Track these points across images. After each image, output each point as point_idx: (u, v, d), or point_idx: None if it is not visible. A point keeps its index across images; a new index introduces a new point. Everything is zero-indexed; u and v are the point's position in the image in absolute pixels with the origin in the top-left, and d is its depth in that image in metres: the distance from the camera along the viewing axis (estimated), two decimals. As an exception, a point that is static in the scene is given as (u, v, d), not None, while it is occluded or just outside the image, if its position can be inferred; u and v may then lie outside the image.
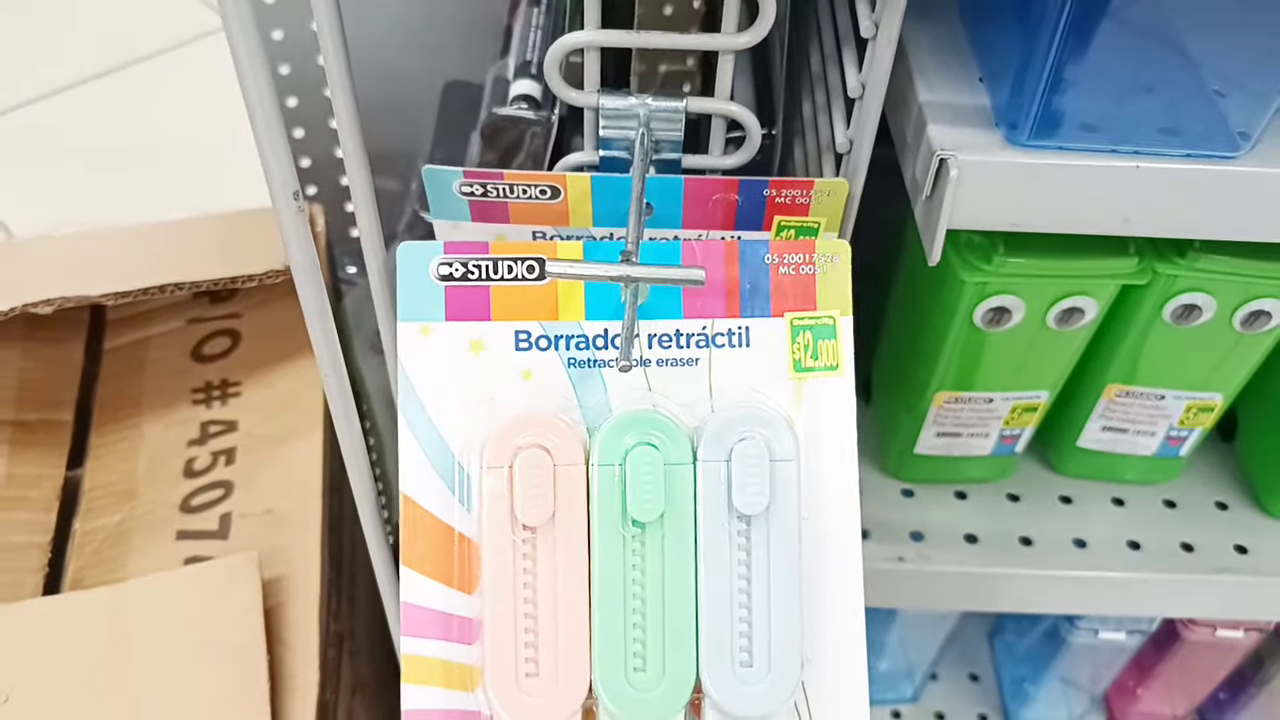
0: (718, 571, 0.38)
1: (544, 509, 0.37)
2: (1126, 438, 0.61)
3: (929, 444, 0.61)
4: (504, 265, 0.38)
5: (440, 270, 0.38)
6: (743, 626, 0.38)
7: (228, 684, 0.51)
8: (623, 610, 0.38)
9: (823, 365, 0.40)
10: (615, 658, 0.37)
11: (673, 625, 0.38)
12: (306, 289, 0.33)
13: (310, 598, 0.55)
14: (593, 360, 0.39)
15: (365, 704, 0.71)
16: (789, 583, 0.38)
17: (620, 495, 0.37)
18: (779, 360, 0.39)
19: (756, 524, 0.38)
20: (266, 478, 0.61)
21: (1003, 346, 0.54)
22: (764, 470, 0.37)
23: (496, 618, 0.37)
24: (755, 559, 0.38)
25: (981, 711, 0.77)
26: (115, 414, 0.67)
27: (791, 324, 0.39)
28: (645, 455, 0.37)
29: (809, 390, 0.40)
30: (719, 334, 0.39)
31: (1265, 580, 0.60)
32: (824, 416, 0.40)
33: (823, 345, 0.40)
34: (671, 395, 0.39)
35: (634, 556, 0.38)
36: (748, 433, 0.38)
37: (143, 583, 0.54)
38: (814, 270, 0.40)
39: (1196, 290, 0.52)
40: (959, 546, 0.60)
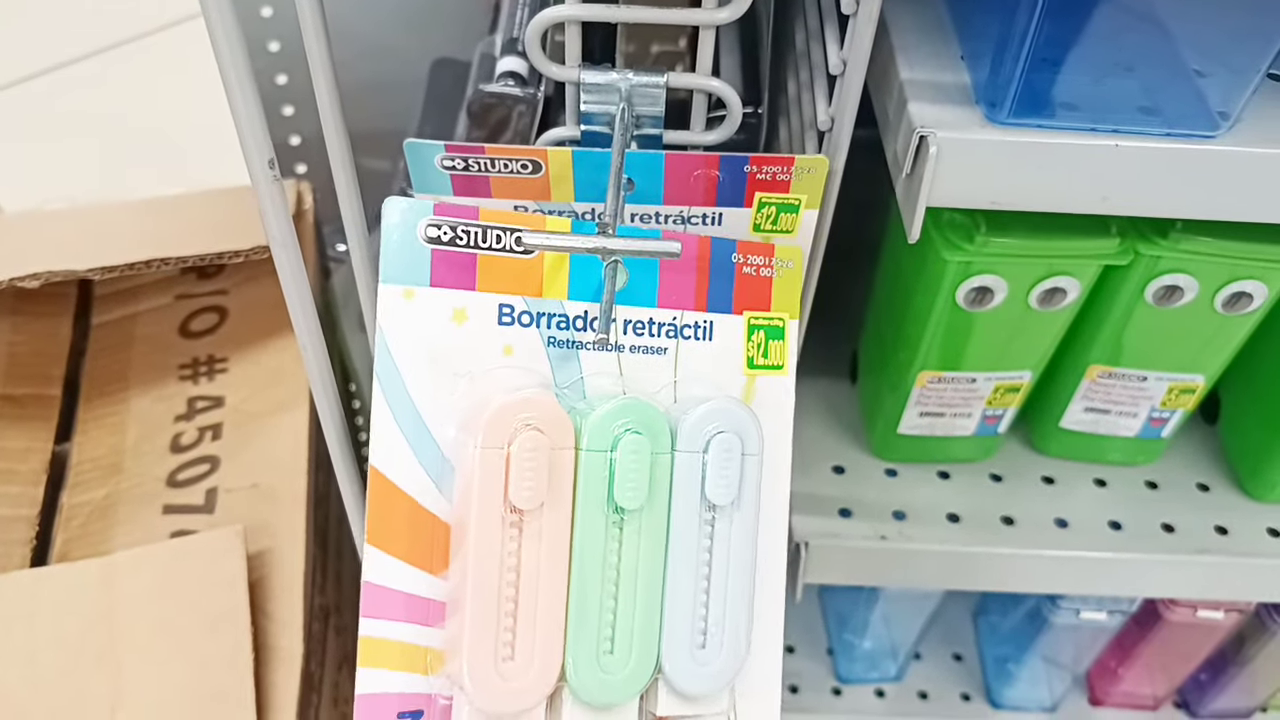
0: (686, 558, 0.39)
1: (538, 493, 0.37)
2: (1109, 419, 0.61)
3: (912, 424, 0.61)
4: (493, 234, 0.38)
5: (428, 232, 0.37)
6: (701, 610, 0.39)
7: (212, 654, 0.51)
8: (599, 594, 0.38)
9: (771, 364, 0.41)
10: (589, 641, 0.38)
11: (642, 609, 0.38)
12: (283, 259, 0.33)
13: (295, 571, 0.55)
14: (572, 341, 0.39)
15: (352, 678, 0.72)
16: (747, 570, 0.39)
17: (608, 481, 0.38)
18: (736, 356, 0.40)
19: (723, 514, 0.39)
20: (252, 453, 0.61)
21: (986, 326, 0.55)
22: (736, 463, 0.38)
23: (480, 601, 0.37)
24: (718, 547, 0.39)
25: (964, 690, 0.77)
26: (103, 389, 0.67)
27: (749, 323, 0.40)
28: (635, 444, 0.37)
29: (759, 387, 0.41)
30: (686, 326, 0.40)
31: (1245, 561, 0.60)
32: (768, 412, 0.41)
33: (773, 345, 0.41)
34: (640, 381, 0.39)
35: (613, 542, 0.38)
36: (723, 426, 0.38)
37: (129, 555, 0.55)
38: (771, 273, 0.41)
39: (1178, 271, 0.52)
40: (941, 525, 0.61)
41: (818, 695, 0.76)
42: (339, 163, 0.39)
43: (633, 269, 0.39)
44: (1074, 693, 0.77)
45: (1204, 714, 0.76)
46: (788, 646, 0.80)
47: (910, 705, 0.76)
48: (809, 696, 0.76)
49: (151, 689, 0.51)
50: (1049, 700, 0.76)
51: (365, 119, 0.70)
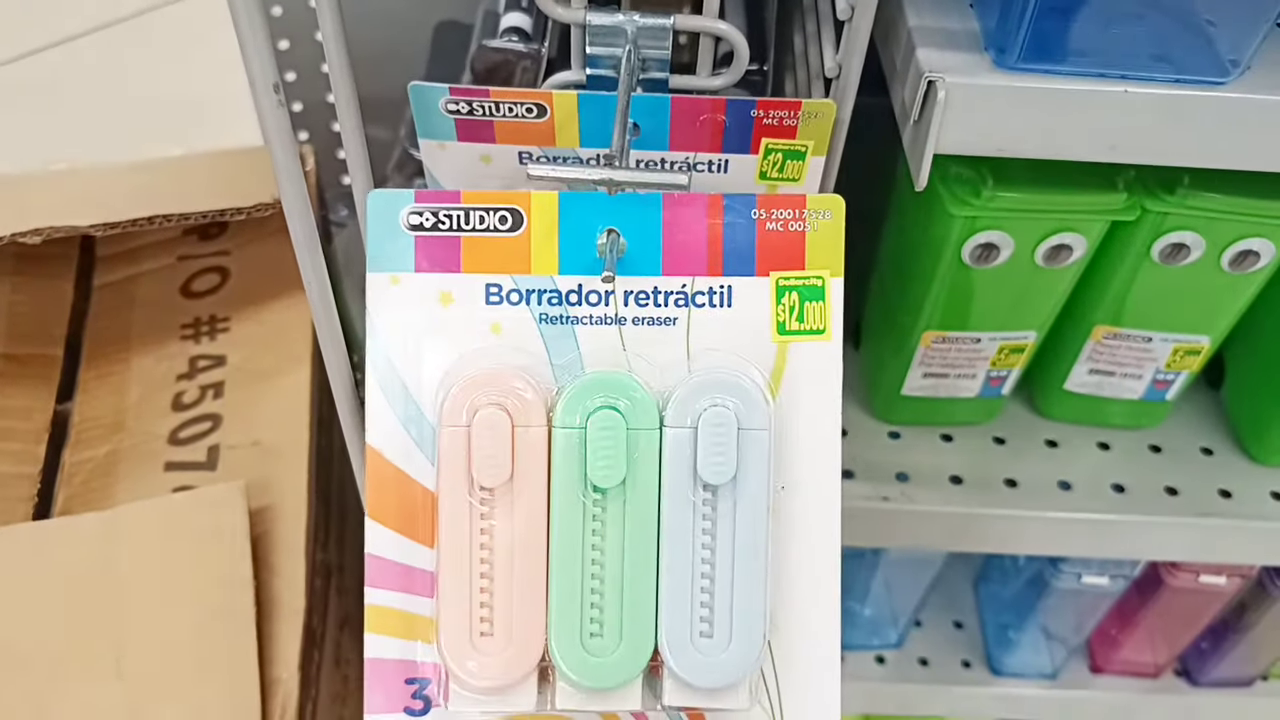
0: (680, 541, 0.36)
1: (501, 471, 0.36)
2: (1113, 381, 0.61)
3: (916, 385, 0.61)
4: (476, 215, 0.36)
5: (410, 220, 0.36)
6: (704, 597, 0.36)
7: (214, 607, 0.51)
8: (580, 574, 0.36)
9: (808, 329, 0.37)
10: (571, 621, 0.36)
11: (632, 592, 0.36)
12: (288, 185, 0.32)
13: (297, 527, 0.55)
14: (565, 316, 0.37)
15: (354, 640, 0.72)
16: (755, 555, 0.36)
17: (580, 459, 0.36)
18: (762, 322, 0.37)
19: (723, 494, 0.36)
20: (254, 411, 0.61)
21: (991, 284, 0.54)
22: (731, 439, 0.35)
23: (451, 575, 0.36)
24: (720, 529, 0.36)
25: (965, 658, 0.77)
26: (105, 349, 0.67)
27: (777, 284, 0.37)
28: (607, 419, 0.36)
29: (793, 354, 0.37)
30: (699, 293, 0.37)
31: (1248, 524, 0.60)
32: (806, 383, 0.37)
33: (809, 308, 0.37)
34: (646, 356, 0.37)
35: (594, 521, 0.36)
36: (717, 399, 0.36)
37: (131, 509, 0.55)
38: (804, 227, 0.38)
39: (1185, 229, 0.52)
40: (944, 487, 0.61)
41: (819, 661, 0.76)
42: (349, 129, 0.39)
43: (632, 237, 0.37)
44: (1075, 660, 0.77)
45: (1205, 682, 0.76)
46: (789, 613, 0.80)
47: (911, 671, 0.76)
48: (810, 662, 0.76)
49: (154, 641, 0.51)
50: (1050, 667, 0.76)
51: (368, 86, 0.69)
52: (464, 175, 0.44)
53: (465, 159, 0.43)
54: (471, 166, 0.44)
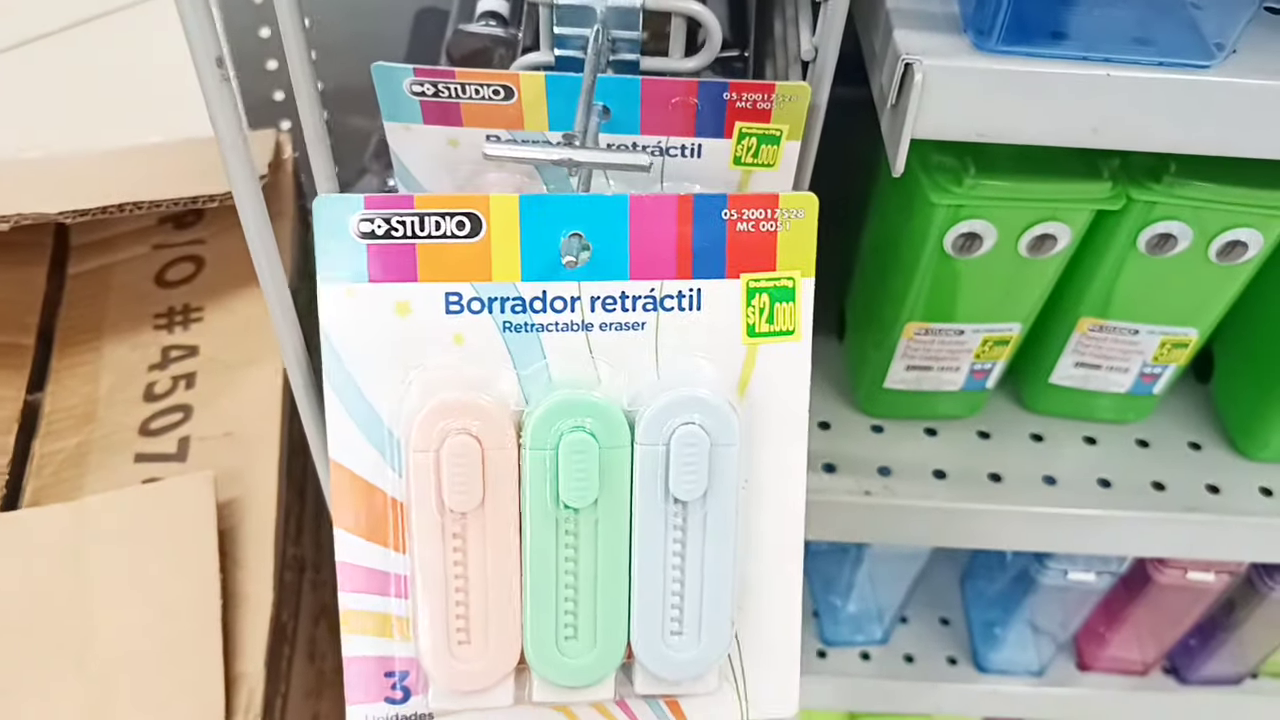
0: (651, 554, 0.36)
1: (472, 496, 0.35)
2: (1099, 374, 0.60)
3: (899, 378, 0.60)
4: (431, 221, 0.34)
5: (361, 227, 0.34)
6: (674, 599, 0.37)
7: (181, 600, 0.50)
8: (554, 585, 0.36)
9: (778, 330, 0.37)
10: (546, 627, 0.37)
11: (605, 599, 0.37)
12: (235, 163, 0.31)
13: (266, 519, 0.54)
14: (530, 324, 0.36)
15: (330, 633, 0.71)
16: (724, 562, 0.37)
17: (552, 480, 0.35)
18: (731, 325, 0.37)
19: (693, 508, 0.36)
20: (226, 402, 0.60)
21: (974, 275, 0.53)
22: (703, 457, 0.35)
23: (426, 589, 0.36)
24: (690, 540, 0.36)
25: (951, 654, 0.76)
26: (77, 338, 0.66)
27: (747, 286, 0.36)
28: (578, 443, 0.35)
29: (762, 356, 0.37)
30: (668, 296, 0.36)
31: (1237, 520, 0.59)
32: (776, 383, 0.37)
33: (779, 309, 0.37)
34: (614, 362, 0.36)
35: (567, 536, 0.36)
36: (688, 418, 0.35)
37: (99, 499, 0.54)
38: (776, 227, 0.37)
39: (1172, 218, 0.51)
40: (927, 481, 0.60)
41: (802, 657, 0.75)
42: (310, 122, 0.40)
43: (598, 241, 0.36)
44: (1062, 657, 0.76)
45: (1193, 680, 0.75)
46: (773, 609, 0.79)
47: (896, 668, 0.75)
48: (794, 659, 0.75)
49: (118, 634, 0.50)
50: (1036, 665, 0.75)
51: (349, 75, 0.68)
52: (431, 159, 0.43)
53: (432, 142, 0.42)
54: (439, 150, 0.43)
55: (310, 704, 0.65)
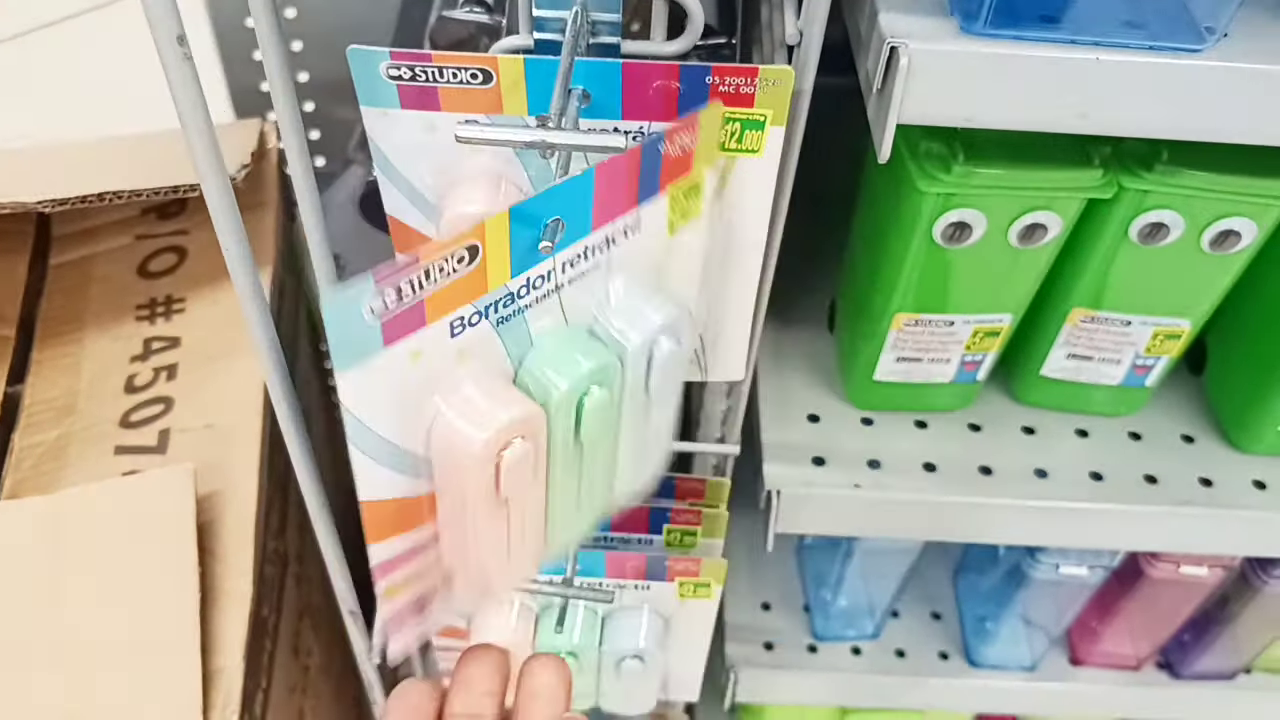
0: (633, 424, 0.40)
1: (524, 485, 0.36)
2: (1091, 366, 0.59)
3: (889, 370, 0.59)
4: (436, 269, 0.32)
5: (374, 305, 0.32)
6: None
7: (158, 594, 0.50)
8: (573, 494, 0.40)
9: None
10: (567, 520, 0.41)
11: (601, 482, 0.41)
12: (199, 145, 0.31)
13: (246, 513, 0.54)
14: (515, 310, 0.36)
15: (317, 631, 0.70)
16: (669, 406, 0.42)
17: (573, 431, 0.37)
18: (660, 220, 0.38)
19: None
20: (207, 393, 0.59)
21: (964, 265, 0.53)
22: (679, 368, 0.39)
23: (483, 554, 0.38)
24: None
25: (943, 649, 0.76)
26: (58, 329, 0.65)
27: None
28: (601, 404, 0.37)
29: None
30: (617, 231, 0.37)
31: (1230, 513, 0.59)
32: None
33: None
34: (580, 306, 0.37)
35: (577, 453, 0.38)
36: (663, 335, 0.38)
37: (76, 493, 0.53)
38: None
39: (1164, 207, 0.50)
40: (917, 475, 0.59)
41: (793, 652, 0.75)
42: (284, 114, 0.40)
43: (567, 211, 0.34)
44: (1054, 652, 0.75)
45: (1187, 675, 0.74)
46: (763, 603, 0.78)
47: (887, 663, 0.75)
48: (785, 653, 0.75)
49: (95, 628, 0.49)
50: (1029, 659, 0.74)
51: (335, 66, 0.67)
52: (409, 145, 0.42)
53: (410, 128, 0.41)
54: (417, 136, 0.42)
55: (295, 700, 0.64)
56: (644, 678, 0.59)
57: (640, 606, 0.58)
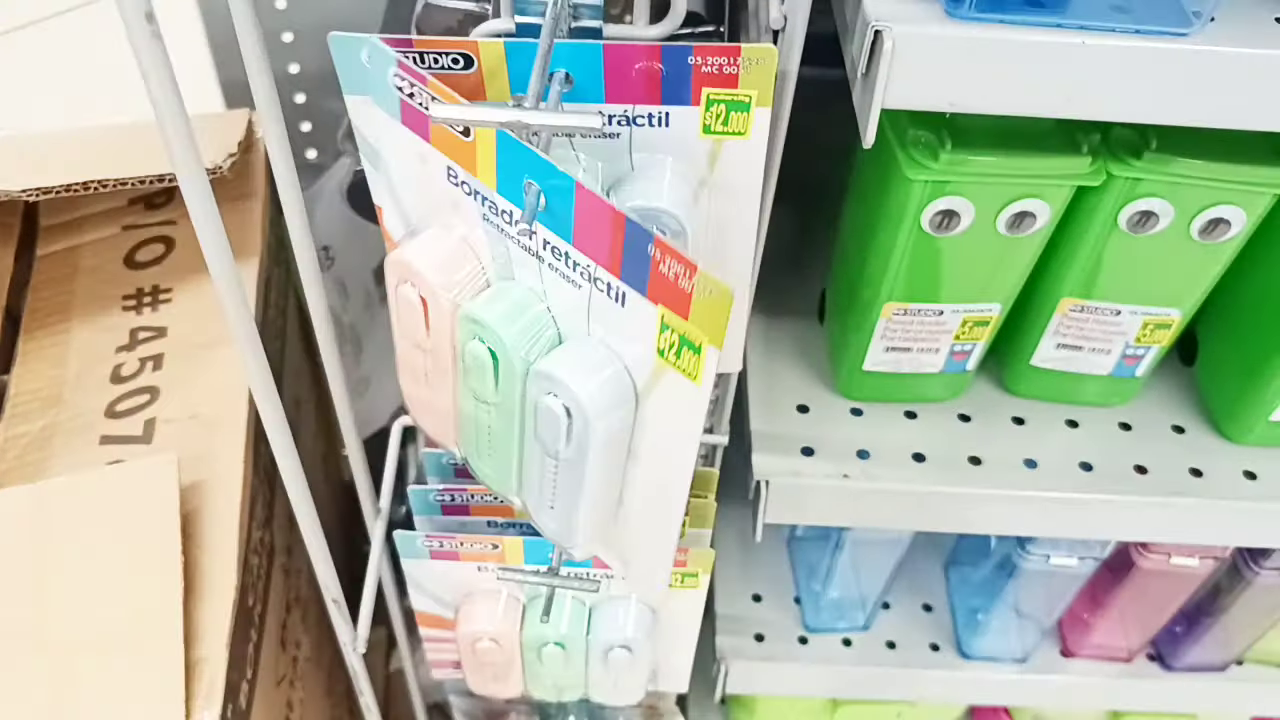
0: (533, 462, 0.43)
1: (413, 325, 0.42)
2: (1081, 355, 0.59)
3: (878, 359, 0.59)
4: (431, 96, 0.36)
5: (388, 69, 0.37)
6: (550, 490, 0.44)
7: (141, 583, 0.49)
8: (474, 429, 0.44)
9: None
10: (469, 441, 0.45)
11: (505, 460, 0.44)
12: (169, 121, 0.30)
13: (231, 502, 0.53)
14: (500, 228, 0.39)
15: (306, 623, 0.70)
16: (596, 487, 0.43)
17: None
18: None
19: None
20: (194, 383, 0.59)
21: (953, 254, 0.53)
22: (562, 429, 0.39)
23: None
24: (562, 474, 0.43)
25: (934, 641, 0.75)
26: (45, 320, 0.65)
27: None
28: (477, 358, 0.40)
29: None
30: (599, 279, 0.37)
31: (1220, 504, 0.58)
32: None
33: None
34: (560, 300, 0.39)
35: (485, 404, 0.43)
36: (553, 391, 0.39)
37: (60, 482, 0.53)
38: (690, 291, 0.35)
39: (1153, 195, 0.50)
40: (906, 465, 0.59)
41: (784, 644, 0.75)
42: (264, 102, 0.41)
43: (549, 190, 0.36)
44: (1046, 644, 0.75)
45: (1179, 667, 0.74)
46: (754, 595, 0.78)
47: (878, 654, 0.75)
48: (775, 645, 0.75)
49: (80, 617, 0.49)
50: (1020, 651, 0.74)
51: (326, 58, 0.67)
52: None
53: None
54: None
55: (283, 691, 0.64)
56: (632, 668, 0.59)
57: (628, 597, 0.58)
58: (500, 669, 0.61)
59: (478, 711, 0.75)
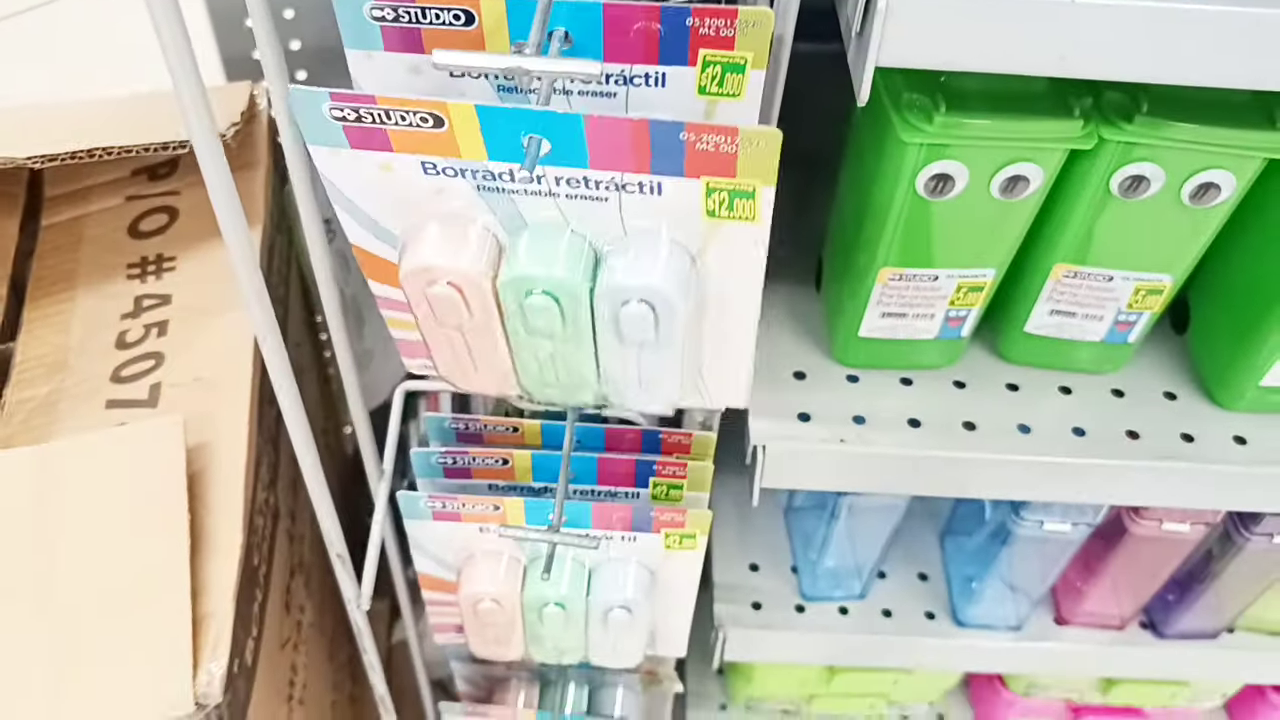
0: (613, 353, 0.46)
1: (456, 319, 0.43)
2: (1075, 322, 0.60)
3: (874, 325, 0.60)
4: (399, 115, 0.37)
5: (331, 111, 0.38)
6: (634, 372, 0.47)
7: (148, 541, 0.50)
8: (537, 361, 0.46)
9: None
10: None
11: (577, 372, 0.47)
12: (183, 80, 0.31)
13: (236, 463, 0.54)
14: (500, 189, 0.39)
15: (310, 590, 0.71)
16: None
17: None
18: (692, 203, 0.40)
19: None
20: (198, 348, 0.60)
21: (947, 218, 0.53)
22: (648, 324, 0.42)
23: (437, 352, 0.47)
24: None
25: (929, 609, 0.76)
26: (50, 288, 0.66)
27: (707, 186, 0.39)
28: (541, 308, 0.42)
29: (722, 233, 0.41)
30: (628, 184, 0.39)
31: (1210, 468, 0.59)
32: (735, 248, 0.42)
33: (739, 203, 0.40)
34: (588, 223, 0.40)
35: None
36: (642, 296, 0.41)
37: (67, 443, 0.54)
38: (735, 150, 0.37)
39: (1144, 160, 0.51)
40: (901, 429, 0.60)
41: (782, 612, 0.76)
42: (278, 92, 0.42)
43: (552, 135, 0.37)
44: (1040, 612, 0.76)
45: (1171, 634, 0.75)
46: (752, 564, 0.79)
47: (874, 622, 0.76)
48: (772, 613, 0.76)
49: (86, 573, 0.50)
50: (1014, 619, 0.75)
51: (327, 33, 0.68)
52: (393, 89, 0.42)
53: (393, 70, 0.42)
54: (400, 79, 0.42)
55: (287, 654, 0.65)
56: (631, 629, 0.59)
57: (627, 559, 0.59)
58: (502, 631, 0.62)
59: (479, 679, 0.76)
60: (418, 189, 0.40)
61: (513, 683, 0.76)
